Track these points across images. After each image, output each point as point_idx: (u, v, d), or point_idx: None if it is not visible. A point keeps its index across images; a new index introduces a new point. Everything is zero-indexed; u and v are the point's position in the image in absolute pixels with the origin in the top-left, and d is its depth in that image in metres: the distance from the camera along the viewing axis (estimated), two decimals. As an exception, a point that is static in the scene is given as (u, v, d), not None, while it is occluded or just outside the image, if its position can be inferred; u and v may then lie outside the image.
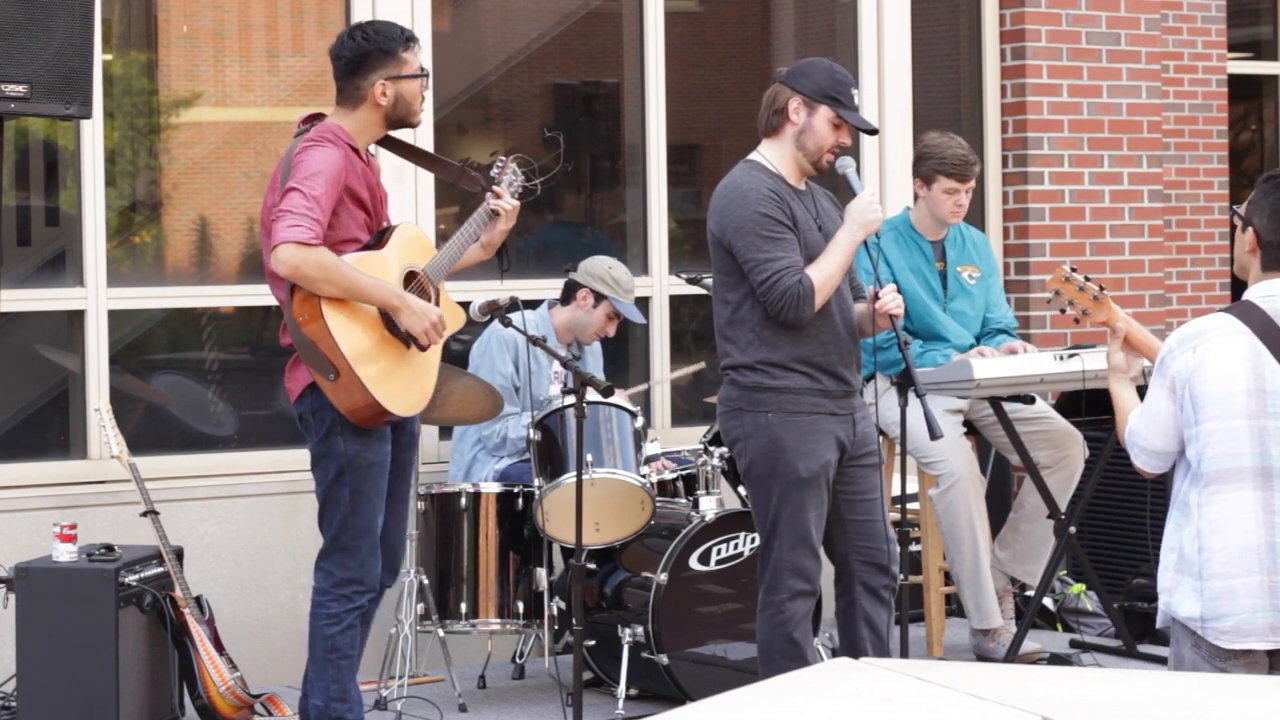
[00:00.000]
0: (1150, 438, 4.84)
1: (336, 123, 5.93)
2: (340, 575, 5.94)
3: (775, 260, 5.76)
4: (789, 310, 5.76)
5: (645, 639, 6.77)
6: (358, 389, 5.76)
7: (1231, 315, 4.77)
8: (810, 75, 5.91)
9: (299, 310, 5.76)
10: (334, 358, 5.74)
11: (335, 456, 5.88)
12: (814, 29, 9.21)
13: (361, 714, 6.02)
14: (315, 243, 5.67)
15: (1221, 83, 10.14)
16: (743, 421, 5.88)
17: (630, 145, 8.40)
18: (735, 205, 5.84)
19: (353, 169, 5.86)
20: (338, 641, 5.94)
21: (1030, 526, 7.61)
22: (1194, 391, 4.73)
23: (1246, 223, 4.82)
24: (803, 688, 3.34)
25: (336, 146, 5.82)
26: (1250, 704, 3.36)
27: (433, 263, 6.03)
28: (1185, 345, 4.77)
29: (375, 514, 5.93)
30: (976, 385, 7.01)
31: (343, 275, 5.73)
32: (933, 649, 7.57)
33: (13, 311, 7.08)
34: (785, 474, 5.82)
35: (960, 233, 7.65)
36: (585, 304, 7.31)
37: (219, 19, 7.71)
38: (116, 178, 7.51)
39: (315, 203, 5.69)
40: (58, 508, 6.97)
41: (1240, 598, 4.69)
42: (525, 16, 8.57)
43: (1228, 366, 4.71)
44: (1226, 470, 4.72)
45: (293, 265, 5.66)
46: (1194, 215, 10.10)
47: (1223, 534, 4.72)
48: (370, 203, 5.94)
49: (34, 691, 6.37)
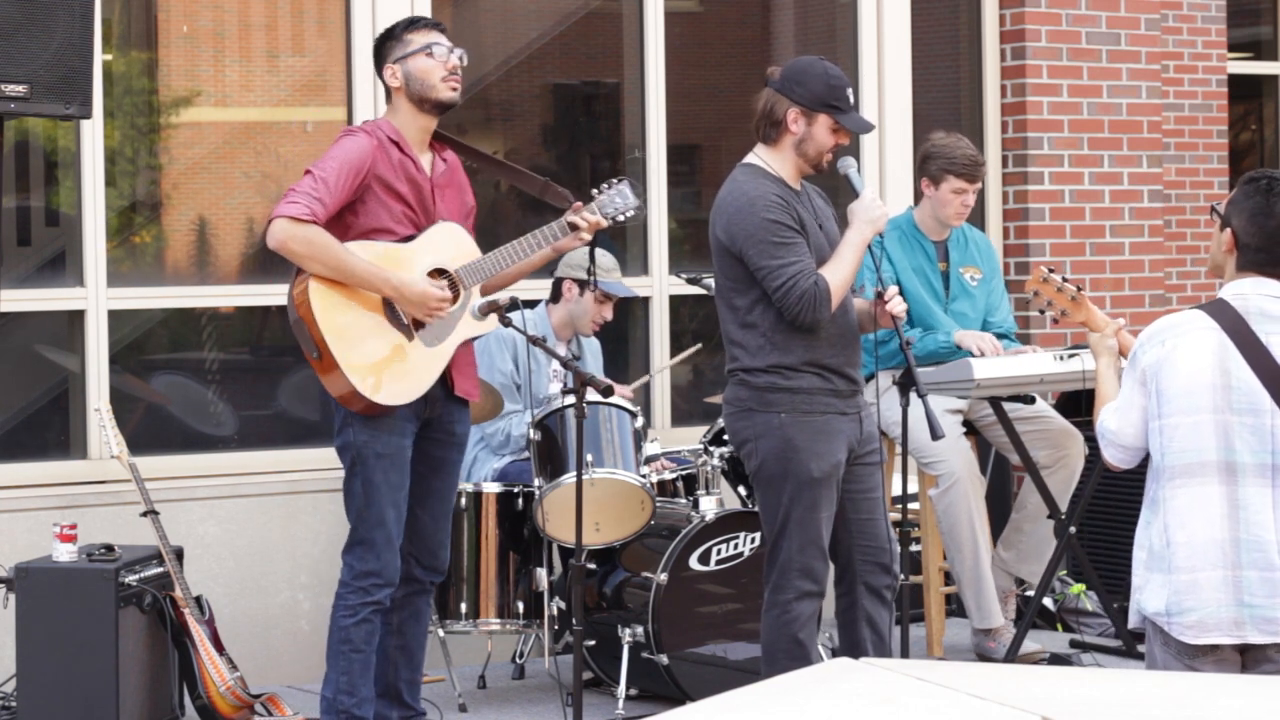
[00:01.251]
0: (1120, 430, 4.88)
1: (387, 119, 6.06)
2: (359, 568, 5.99)
3: (789, 265, 5.74)
4: (807, 313, 5.74)
5: (645, 639, 6.77)
6: (337, 371, 5.82)
7: (1202, 312, 4.81)
8: (806, 84, 5.86)
9: (295, 287, 5.87)
10: (315, 336, 5.82)
11: (348, 448, 5.97)
12: (814, 29, 9.21)
13: (369, 713, 6.03)
14: (308, 219, 5.74)
15: (1221, 83, 10.14)
16: (754, 422, 5.86)
17: (630, 145, 8.40)
18: (743, 213, 5.81)
19: (387, 159, 5.93)
20: (351, 634, 5.98)
21: (1033, 526, 7.61)
22: (1160, 385, 4.77)
23: (1225, 222, 4.85)
24: (803, 688, 3.34)
25: (370, 136, 5.94)
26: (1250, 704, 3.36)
27: (471, 265, 6.06)
28: (1155, 339, 4.82)
29: (388, 507, 5.95)
30: (976, 385, 7.01)
31: (331, 255, 5.79)
32: (933, 649, 7.57)
33: (13, 311, 7.08)
34: (798, 474, 5.82)
35: (963, 234, 7.65)
36: (572, 295, 7.33)
37: (219, 19, 7.71)
38: (116, 178, 7.51)
39: (322, 183, 5.79)
40: (58, 508, 6.97)
41: (1204, 592, 4.72)
42: (525, 16, 8.57)
43: (1195, 361, 4.75)
44: (1190, 464, 4.75)
45: (280, 239, 5.77)
46: (1194, 215, 10.10)
47: (1186, 528, 4.75)
48: (414, 197, 5.97)
49: (34, 691, 6.37)
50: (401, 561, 6.09)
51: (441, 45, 6.04)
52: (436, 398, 6.04)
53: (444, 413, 6.10)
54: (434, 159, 6.09)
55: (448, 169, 6.12)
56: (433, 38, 6.05)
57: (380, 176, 5.91)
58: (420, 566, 6.15)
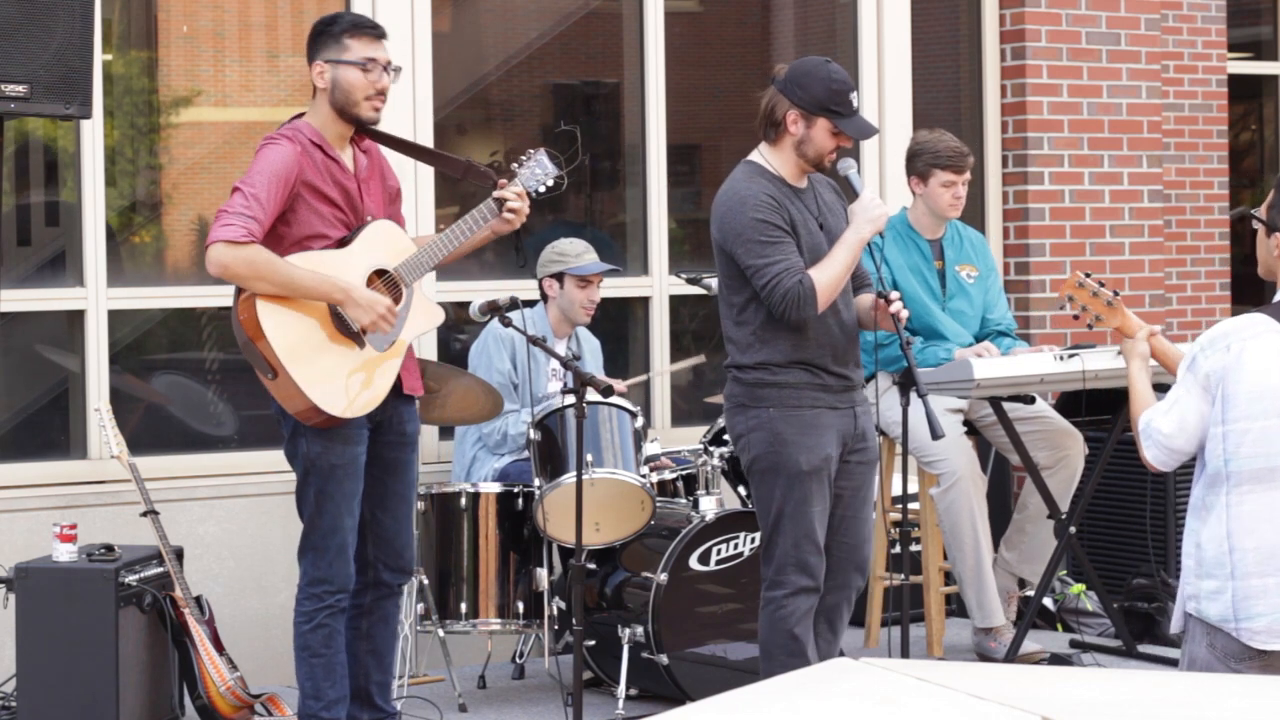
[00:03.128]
0: (1175, 434, 4.79)
1: (306, 120, 5.91)
2: (311, 574, 5.94)
3: (775, 263, 5.78)
4: (791, 311, 5.77)
5: (645, 639, 6.77)
6: (294, 389, 5.72)
7: (1265, 315, 4.75)
8: (807, 87, 5.86)
9: (240, 309, 5.74)
10: (269, 357, 5.72)
11: (300, 458, 5.89)
12: (814, 29, 9.20)
13: (341, 714, 5.99)
14: (246, 240, 5.63)
15: (1221, 83, 10.14)
16: (746, 416, 5.90)
17: (630, 145, 8.40)
18: (733, 212, 5.85)
19: (312, 164, 5.81)
20: (309, 640, 5.95)
21: (1035, 527, 7.61)
22: (1227, 390, 4.70)
23: (1272, 228, 4.82)
24: (802, 688, 3.34)
25: (293, 143, 5.79)
26: (1250, 704, 3.36)
27: (409, 261, 5.96)
28: (1218, 344, 4.74)
29: (342, 515, 5.89)
30: (976, 385, 7.01)
31: (275, 272, 5.68)
32: (933, 649, 7.57)
33: (13, 311, 7.08)
34: (788, 467, 5.83)
35: (958, 232, 7.65)
36: (554, 290, 7.35)
37: (219, 19, 7.71)
38: (116, 177, 7.51)
39: (253, 200, 5.66)
40: (58, 508, 6.97)
41: (1273, 597, 4.68)
42: (525, 16, 8.56)
43: (1263, 364, 4.68)
44: (1259, 470, 4.69)
45: (222, 264, 5.65)
46: (1194, 215, 10.10)
47: (1255, 533, 4.69)
48: (342, 199, 5.87)
49: (34, 691, 6.37)
50: (368, 567, 6.04)
51: (377, 64, 5.87)
52: (386, 400, 5.93)
53: (394, 414, 6.00)
54: (354, 153, 5.96)
55: (369, 161, 6.01)
56: (371, 51, 5.87)
57: (308, 183, 5.79)
58: (388, 570, 6.10)
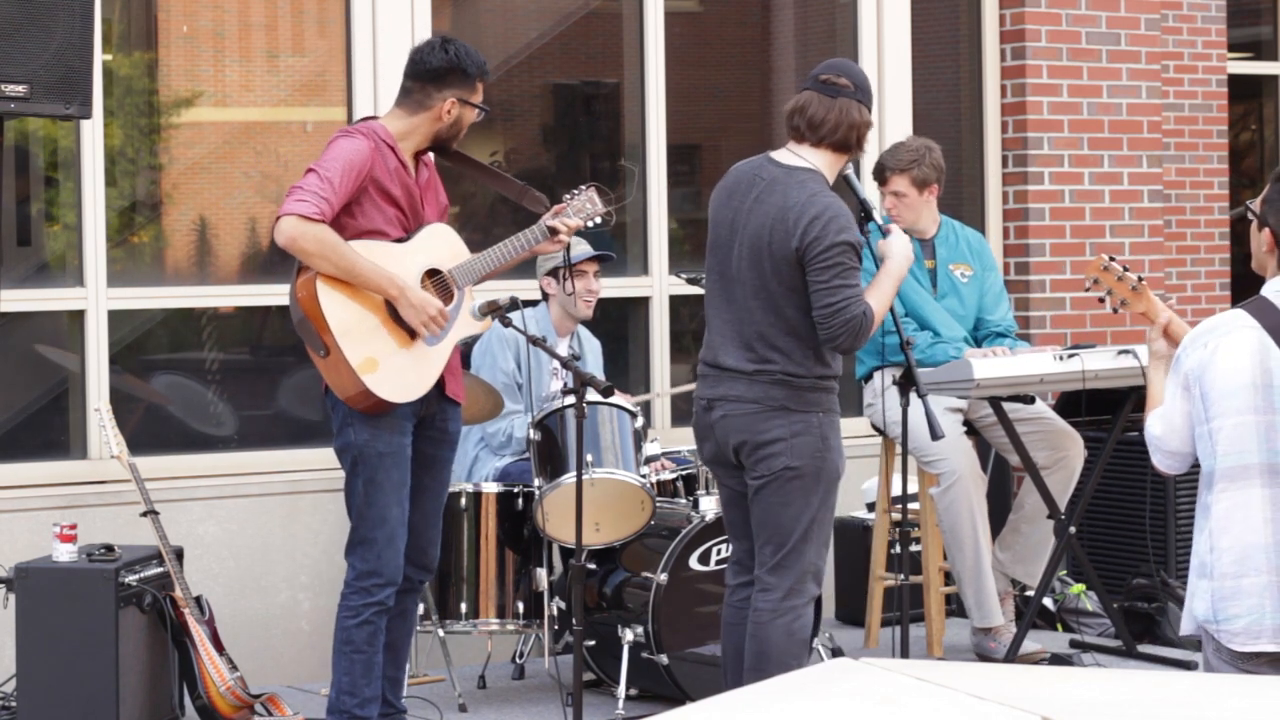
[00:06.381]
0: (1165, 436, 4.77)
1: (383, 123, 6.07)
2: (359, 568, 6.03)
3: (853, 288, 5.67)
4: (848, 338, 5.67)
5: (645, 639, 6.77)
6: (345, 369, 5.85)
7: (1244, 311, 4.71)
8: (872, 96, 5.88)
9: (299, 286, 5.89)
10: (324, 334, 5.85)
11: (350, 448, 6.00)
12: (814, 29, 9.20)
13: (373, 713, 6.04)
14: (317, 217, 5.78)
15: (1221, 83, 10.14)
16: (790, 420, 5.73)
17: (630, 145, 8.40)
18: (843, 229, 5.66)
19: (383, 164, 5.96)
20: (352, 635, 6.02)
21: (1030, 527, 7.61)
22: (1204, 388, 4.67)
23: (1263, 222, 4.78)
24: (803, 688, 3.34)
25: (367, 139, 5.95)
26: (1250, 704, 3.36)
27: (463, 265, 6.14)
28: (1197, 342, 4.71)
29: (390, 505, 5.98)
30: (976, 385, 7.01)
31: (340, 254, 5.84)
32: (933, 649, 7.57)
33: (13, 311, 7.08)
34: (830, 473, 5.79)
35: (954, 231, 7.66)
36: (553, 288, 7.36)
37: (219, 19, 7.71)
38: (116, 178, 7.51)
39: (327, 183, 5.82)
40: (58, 508, 6.97)
41: (1248, 598, 4.61)
42: (525, 16, 8.57)
43: (1235, 361, 4.64)
44: (1233, 468, 4.64)
45: (290, 236, 5.78)
46: (1194, 215, 10.10)
47: (1230, 532, 4.64)
48: (405, 202, 6.02)
49: (34, 691, 6.37)
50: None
51: (484, 110, 6.15)
52: (431, 397, 6.09)
53: (437, 411, 6.15)
54: (418, 164, 6.15)
55: (428, 174, 6.20)
56: (481, 96, 6.12)
57: (377, 180, 5.94)
58: (411, 566, 6.16)
